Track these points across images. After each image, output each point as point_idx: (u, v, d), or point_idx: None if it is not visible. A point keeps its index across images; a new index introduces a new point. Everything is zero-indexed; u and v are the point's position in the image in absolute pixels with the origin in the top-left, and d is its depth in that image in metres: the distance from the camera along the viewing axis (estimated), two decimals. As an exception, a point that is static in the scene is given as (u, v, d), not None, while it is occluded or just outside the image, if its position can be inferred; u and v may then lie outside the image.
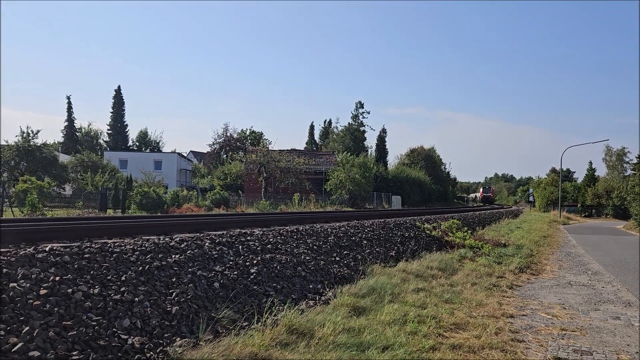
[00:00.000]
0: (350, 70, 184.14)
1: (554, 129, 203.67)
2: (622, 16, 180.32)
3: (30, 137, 37.66)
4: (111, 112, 76.64)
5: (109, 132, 77.44)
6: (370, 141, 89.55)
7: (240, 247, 7.45)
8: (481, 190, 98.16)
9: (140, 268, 5.44)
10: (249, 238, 8.09)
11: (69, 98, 74.68)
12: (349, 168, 40.27)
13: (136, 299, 4.84)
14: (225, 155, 64.22)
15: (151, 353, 4.22)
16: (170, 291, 5.32)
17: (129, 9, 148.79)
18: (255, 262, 7.06)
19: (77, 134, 76.60)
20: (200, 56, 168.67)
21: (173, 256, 6.10)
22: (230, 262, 6.71)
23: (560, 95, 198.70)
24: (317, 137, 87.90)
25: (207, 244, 6.99)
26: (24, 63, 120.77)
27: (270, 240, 8.40)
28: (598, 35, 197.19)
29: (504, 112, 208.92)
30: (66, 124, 74.90)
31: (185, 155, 74.21)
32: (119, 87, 77.08)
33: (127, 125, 77.83)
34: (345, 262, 9.13)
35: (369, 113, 78.68)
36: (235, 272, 6.45)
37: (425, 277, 9.02)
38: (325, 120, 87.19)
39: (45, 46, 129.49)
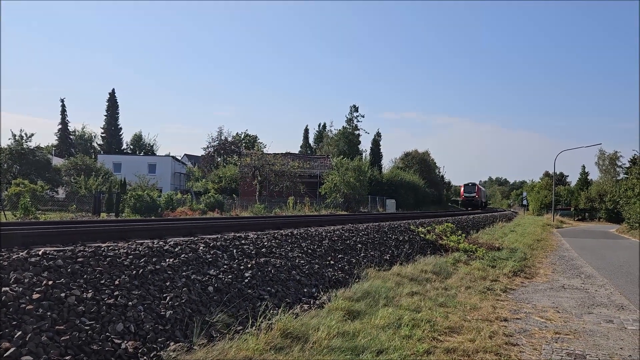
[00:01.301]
0: (346, 74, 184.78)
1: (548, 134, 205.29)
2: (619, 19, 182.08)
3: (23, 140, 37.46)
4: (105, 115, 76.39)
5: (102, 135, 77.15)
6: (365, 145, 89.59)
7: (234, 250, 7.43)
8: (462, 189, 67.49)
9: (134, 272, 5.42)
10: (243, 242, 8.07)
11: (62, 101, 74.55)
12: (343, 172, 40.31)
13: (130, 303, 4.82)
14: (219, 159, 64.15)
15: (145, 357, 4.19)
16: (164, 295, 5.30)
17: (124, 12, 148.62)
18: (249, 265, 7.04)
19: (71, 137, 76.26)
20: (195, 59, 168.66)
21: (167, 260, 6.07)
22: (225, 266, 6.69)
23: (555, 99, 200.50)
24: (311, 140, 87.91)
25: (201, 247, 6.97)
26: (17, 65, 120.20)
27: (265, 243, 8.39)
28: (595, 38, 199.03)
29: (499, 116, 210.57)
30: (60, 127, 74.59)
31: (179, 158, 74.08)
32: (113, 90, 76.95)
33: (121, 128, 77.67)
34: (339, 265, 9.13)
35: (363, 117, 78.71)
36: (229, 276, 6.44)
37: (420, 280, 9.03)
38: (320, 124, 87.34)
39: (39, 48, 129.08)
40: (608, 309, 7.81)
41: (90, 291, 4.70)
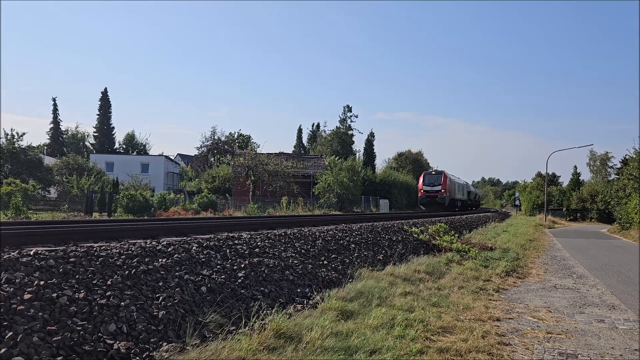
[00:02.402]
0: (340, 75, 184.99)
1: (541, 134, 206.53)
2: (615, 20, 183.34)
3: (15, 139, 37.17)
4: (98, 115, 75.83)
5: (95, 134, 76.62)
6: (359, 145, 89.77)
7: (227, 250, 7.41)
8: (421, 181, 42.21)
9: (127, 272, 5.39)
10: (236, 242, 8.05)
11: (54, 100, 74.02)
12: (337, 172, 40.35)
13: (122, 303, 4.79)
14: (213, 159, 63.94)
15: (137, 358, 4.17)
16: (157, 295, 5.28)
17: (118, 12, 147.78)
18: (242, 266, 7.03)
19: (63, 136, 75.73)
20: (189, 60, 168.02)
21: (160, 260, 6.05)
22: (218, 266, 6.67)
23: (549, 100, 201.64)
24: (305, 140, 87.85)
25: (194, 247, 6.95)
26: (9, 64, 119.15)
27: (258, 244, 8.38)
28: (590, 39, 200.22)
29: (492, 117, 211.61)
30: (52, 126, 74.06)
31: (172, 158, 73.75)
32: (105, 89, 76.41)
33: (113, 127, 77.11)
34: (333, 265, 9.13)
35: (356, 117, 79.14)
36: (222, 276, 6.42)
37: (413, 280, 9.05)
38: (314, 124, 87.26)
39: (32, 47, 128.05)
40: (599, 308, 7.87)
41: (82, 291, 4.67)
